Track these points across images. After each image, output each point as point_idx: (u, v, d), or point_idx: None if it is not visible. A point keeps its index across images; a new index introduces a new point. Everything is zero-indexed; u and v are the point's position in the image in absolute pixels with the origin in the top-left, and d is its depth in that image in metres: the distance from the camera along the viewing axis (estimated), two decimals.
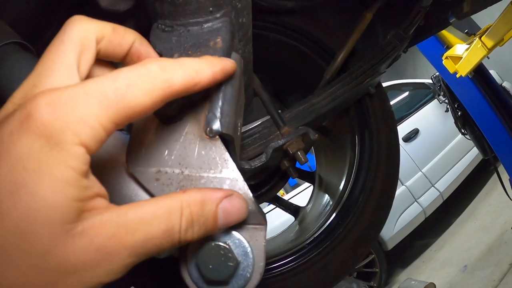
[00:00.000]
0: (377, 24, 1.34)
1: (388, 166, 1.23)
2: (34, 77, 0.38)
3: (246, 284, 0.41)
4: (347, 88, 1.06)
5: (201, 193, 0.39)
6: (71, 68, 0.38)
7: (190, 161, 0.43)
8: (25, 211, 0.31)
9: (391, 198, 1.23)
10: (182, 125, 0.44)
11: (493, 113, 4.11)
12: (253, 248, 0.41)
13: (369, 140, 1.24)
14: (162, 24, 0.47)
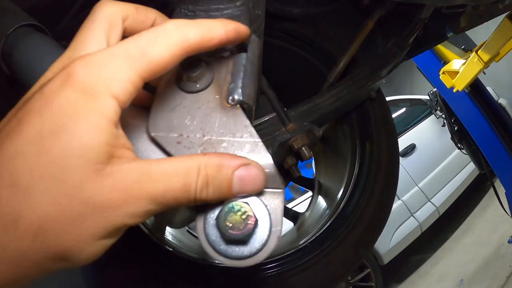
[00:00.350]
0: (377, 32, 1.39)
1: (388, 169, 1.26)
2: (70, 51, 0.44)
3: (264, 246, 0.43)
4: (349, 90, 1.11)
5: (219, 157, 0.42)
6: (102, 43, 0.43)
7: (212, 126, 0.46)
8: (65, 147, 0.35)
9: (391, 199, 1.26)
10: (205, 94, 0.48)
11: (489, 128, 4.17)
12: (271, 211, 0.43)
13: (370, 144, 1.28)
14: (185, 9, 0.51)
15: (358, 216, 1.20)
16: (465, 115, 4.33)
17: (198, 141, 0.46)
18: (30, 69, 0.75)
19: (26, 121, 0.36)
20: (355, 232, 1.23)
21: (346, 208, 1.27)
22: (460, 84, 3.54)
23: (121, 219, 0.38)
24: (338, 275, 1.21)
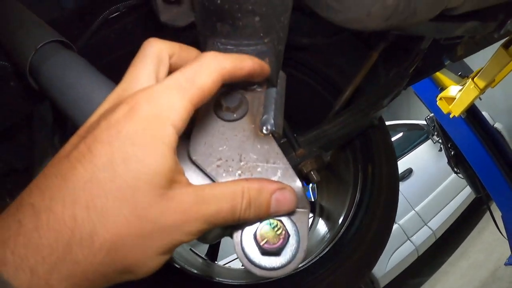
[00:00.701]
0: (379, 63, 1.45)
1: (389, 192, 1.31)
2: (124, 84, 0.50)
3: (294, 258, 0.49)
4: (354, 118, 1.17)
5: (259, 182, 0.49)
6: (152, 78, 0.49)
7: (248, 153, 0.52)
8: (135, 174, 0.41)
9: (392, 222, 1.31)
10: (241, 124, 0.54)
11: (485, 152, 4.24)
12: (299, 227, 0.50)
13: (372, 169, 1.33)
14: (218, 42, 0.57)
15: (360, 238, 1.24)
16: (461, 140, 4.41)
17: (236, 166, 0.52)
18: (60, 86, 0.75)
19: (97, 150, 0.41)
20: (357, 254, 1.27)
21: (348, 230, 1.31)
22: (456, 110, 3.62)
23: (180, 237, 0.43)
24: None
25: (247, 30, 0.55)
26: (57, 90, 0.73)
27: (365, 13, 0.71)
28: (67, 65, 0.74)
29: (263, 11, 0.53)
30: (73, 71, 0.72)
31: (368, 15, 0.72)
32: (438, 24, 1.12)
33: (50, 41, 0.80)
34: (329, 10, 0.71)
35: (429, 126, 5.28)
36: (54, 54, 0.77)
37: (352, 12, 0.71)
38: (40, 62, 0.77)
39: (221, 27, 0.56)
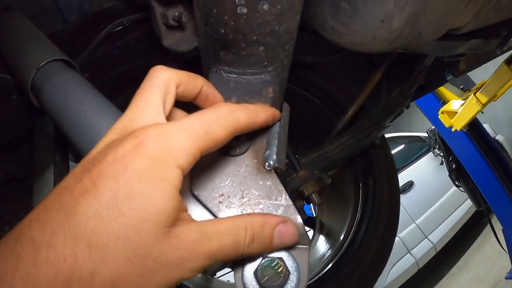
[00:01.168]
0: (383, 82, 1.45)
1: (390, 209, 1.31)
2: (130, 113, 0.49)
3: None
4: (356, 139, 1.16)
5: (262, 217, 0.49)
6: (158, 108, 0.49)
7: (250, 189, 0.52)
8: (140, 212, 0.40)
9: (393, 236, 1.30)
10: (243, 159, 0.54)
11: (486, 166, 4.24)
12: (300, 264, 0.49)
13: (373, 187, 1.32)
14: (221, 70, 0.57)
15: (361, 257, 1.23)
16: (463, 153, 4.41)
17: (238, 202, 0.51)
18: (61, 109, 0.74)
19: (101, 185, 0.41)
20: (358, 273, 1.26)
21: (349, 248, 1.30)
22: (458, 124, 3.62)
23: (181, 274, 0.43)
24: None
25: (251, 59, 0.55)
26: (58, 112, 0.72)
27: (370, 37, 0.70)
28: (69, 86, 0.73)
29: (267, 41, 0.53)
30: (75, 94, 0.70)
31: (373, 39, 0.71)
32: (442, 43, 1.12)
33: (53, 59, 0.79)
34: (334, 33, 0.70)
35: (430, 139, 5.29)
36: (56, 74, 0.76)
37: (357, 36, 0.70)
38: (42, 81, 0.76)
39: (224, 56, 0.55)
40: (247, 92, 0.57)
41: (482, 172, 4.35)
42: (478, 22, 1.01)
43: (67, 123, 0.66)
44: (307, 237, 0.51)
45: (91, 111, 0.64)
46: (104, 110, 0.64)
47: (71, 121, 0.65)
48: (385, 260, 1.33)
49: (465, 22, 0.93)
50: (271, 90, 0.56)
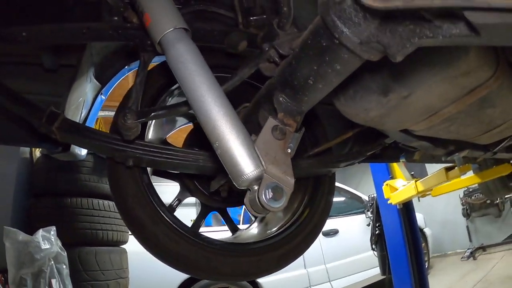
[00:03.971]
0: (352, 138, 1.96)
1: (322, 213, 1.76)
2: None
3: (284, 201, 0.91)
4: (318, 165, 1.66)
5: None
6: None
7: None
8: None
9: (319, 230, 1.76)
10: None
11: (403, 244, 4.89)
12: (285, 187, 0.93)
13: (315, 197, 1.78)
14: None
15: (289, 239, 1.66)
16: (388, 225, 5.06)
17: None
18: (180, 68, 0.99)
19: None
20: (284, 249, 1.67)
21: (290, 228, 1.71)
22: (394, 199, 4.25)
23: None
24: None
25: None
26: (176, 70, 1.02)
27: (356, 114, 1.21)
28: (188, 55, 1.00)
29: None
30: (189, 63, 0.99)
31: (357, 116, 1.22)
32: (400, 134, 1.62)
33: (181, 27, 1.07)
34: (340, 106, 1.21)
35: (368, 203, 5.93)
36: (181, 41, 1.03)
37: (349, 112, 1.21)
38: (169, 42, 1.03)
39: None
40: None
41: (398, 247, 4.99)
42: (429, 132, 1.50)
43: (180, 81, 1.01)
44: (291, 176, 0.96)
45: (196, 83, 1.02)
46: (204, 85, 1.03)
47: (183, 82, 1.00)
48: (306, 248, 1.75)
49: (417, 129, 1.44)
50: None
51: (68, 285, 3.17)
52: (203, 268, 1.37)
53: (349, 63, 0.82)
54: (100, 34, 1.32)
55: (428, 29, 0.62)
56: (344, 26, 0.72)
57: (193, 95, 0.95)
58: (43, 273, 3.10)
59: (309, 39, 0.85)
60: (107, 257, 3.52)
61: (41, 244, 3.09)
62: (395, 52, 0.67)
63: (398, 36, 0.66)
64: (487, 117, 1.39)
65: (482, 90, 1.17)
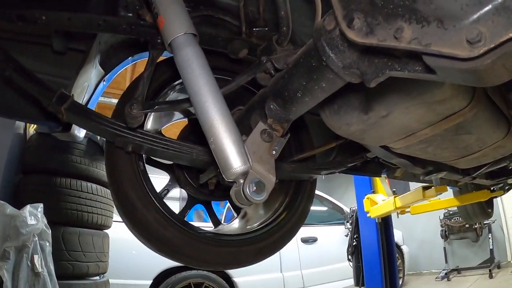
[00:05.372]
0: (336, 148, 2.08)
1: (301, 215, 1.88)
2: None
3: (264, 195, 1.04)
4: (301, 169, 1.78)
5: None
6: None
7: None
8: None
9: (296, 230, 1.87)
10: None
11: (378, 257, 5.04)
12: (267, 184, 1.06)
13: (295, 199, 1.90)
14: None
15: (268, 235, 1.78)
16: (366, 237, 5.20)
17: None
18: (186, 71, 1.11)
19: None
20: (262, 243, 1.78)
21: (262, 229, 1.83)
22: (374, 213, 4.40)
23: None
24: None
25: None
26: (183, 73, 1.14)
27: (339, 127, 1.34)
28: (195, 60, 1.12)
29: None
30: (195, 68, 1.12)
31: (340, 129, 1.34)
32: (380, 149, 1.75)
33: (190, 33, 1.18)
34: (326, 119, 1.33)
35: (348, 214, 6.08)
36: (189, 46, 1.15)
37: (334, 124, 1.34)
38: (178, 46, 1.15)
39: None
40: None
41: (373, 260, 5.14)
42: (407, 151, 1.62)
43: (185, 81, 1.14)
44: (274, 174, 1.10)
45: (199, 85, 1.14)
46: (206, 87, 1.15)
47: (188, 83, 1.13)
48: (290, 238, 1.84)
49: (396, 147, 1.56)
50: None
51: (49, 262, 3.24)
52: (188, 254, 1.48)
53: (333, 82, 0.95)
54: (115, 27, 1.43)
55: (398, 63, 0.75)
56: (331, 52, 0.85)
57: (196, 96, 1.08)
58: (27, 248, 3.16)
59: (301, 58, 0.99)
60: (90, 240, 3.59)
61: (28, 220, 3.14)
62: (370, 79, 0.80)
63: (374, 66, 0.79)
64: (463, 143, 1.51)
65: (457, 118, 1.29)
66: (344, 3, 0.77)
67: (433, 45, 0.64)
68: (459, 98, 1.21)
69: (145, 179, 1.49)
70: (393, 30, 0.68)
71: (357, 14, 0.73)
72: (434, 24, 0.64)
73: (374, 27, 0.71)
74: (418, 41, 0.65)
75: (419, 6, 0.65)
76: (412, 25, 0.66)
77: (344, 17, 0.75)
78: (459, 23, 0.62)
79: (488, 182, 3.17)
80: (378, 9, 0.71)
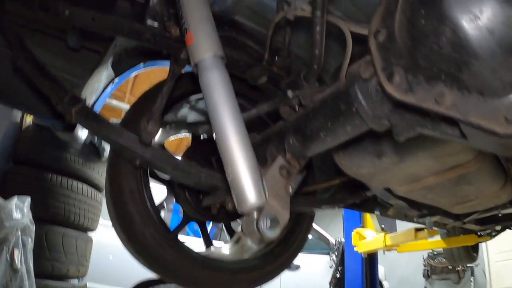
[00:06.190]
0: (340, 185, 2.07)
1: (296, 247, 1.87)
2: None
3: (278, 232, 1.02)
4: (303, 204, 1.77)
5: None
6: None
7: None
8: None
9: (291, 262, 1.87)
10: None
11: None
12: (281, 220, 1.04)
13: (293, 232, 1.89)
14: None
15: (263, 265, 1.75)
16: (351, 271, 5.17)
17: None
18: (208, 94, 1.09)
19: None
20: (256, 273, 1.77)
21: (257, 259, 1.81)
22: (361, 248, 4.38)
23: None
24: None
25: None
26: (205, 94, 1.12)
27: (350, 168, 1.33)
28: (218, 84, 1.09)
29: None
30: (217, 93, 1.09)
31: (350, 169, 1.34)
32: (383, 190, 1.75)
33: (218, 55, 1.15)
34: (339, 162, 1.33)
35: (335, 246, 6.05)
36: (214, 69, 1.12)
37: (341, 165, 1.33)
38: (203, 68, 1.12)
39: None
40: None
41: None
42: (407, 195, 1.62)
43: (208, 105, 1.10)
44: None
45: (223, 112, 1.08)
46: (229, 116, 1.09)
47: (211, 107, 1.09)
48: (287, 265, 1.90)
49: (399, 190, 1.57)
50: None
51: (29, 259, 3.16)
52: (180, 275, 1.46)
53: (358, 127, 0.94)
54: (139, 35, 1.39)
55: (430, 123, 0.75)
56: (363, 99, 0.85)
57: (218, 122, 1.06)
58: (7, 242, 3.08)
59: (329, 99, 0.98)
60: (74, 241, 3.52)
61: (13, 212, 3.07)
62: (400, 133, 0.80)
63: (405, 121, 0.79)
64: (462, 192, 1.55)
65: (462, 169, 1.32)
66: (384, 55, 0.76)
67: (471, 115, 0.65)
68: (466, 152, 1.25)
69: (147, 193, 1.46)
70: (434, 93, 0.68)
71: (398, 69, 0.73)
72: (475, 94, 0.65)
73: (414, 86, 0.71)
74: (458, 109, 0.65)
75: (464, 76, 0.66)
76: (453, 91, 0.67)
77: (383, 69, 0.75)
78: (499, 99, 0.63)
79: (477, 227, 3.21)
80: (420, 69, 0.71)
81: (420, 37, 0.72)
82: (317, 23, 1.05)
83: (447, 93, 0.67)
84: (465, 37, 0.66)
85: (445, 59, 0.68)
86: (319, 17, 1.04)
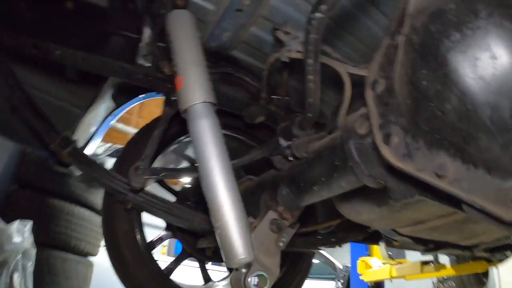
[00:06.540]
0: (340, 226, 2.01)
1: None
2: None
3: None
4: (303, 244, 1.71)
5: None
6: None
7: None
8: None
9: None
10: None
11: None
12: (269, 278, 0.99)
13: (292, 271, 1.83)
14: None
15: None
16: None
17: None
18: (197, 141, 1.03)
19: None
20: None
21: None
22: (366, 277, 4.28)
23: None
24: None
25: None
26: (194, 141, 1.05)
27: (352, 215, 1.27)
28: (207, 132, 1.03)
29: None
30: (207, 142, 1.03)
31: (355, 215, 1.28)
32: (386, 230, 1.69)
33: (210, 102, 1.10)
34: (343, 211, 1.27)
35: (341, 272, 5.92)
36: (204, 117, 1.05)
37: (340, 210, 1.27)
38: (193, 115, 1.06)
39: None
40: None
41: None
42: (412, 234, 1.57)
43: (197, 153, 1.04)
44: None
45: (211, 162, 1.01)
46: (218, 166, 1.01)
47: (200, 156, 1.02)
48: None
49: (401, 231, 1.51)
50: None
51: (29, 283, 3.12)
52: None
53: (354, 183, 0.89)
54: (130, 75, 1.38)
55: (430, 193, 0.68)
56: (359, 158, 0.79)
57: (206, 172, 1.00)
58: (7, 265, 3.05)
59: (324, 152, 0.93)
60: (74, 266, 3.47)
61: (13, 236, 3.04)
62: (398, 198, 0.74)
63: (403, 186, 0.73)
64: (469, 230, 1.48)
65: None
66: (382, 110, 0.70)
67: (475, 194, 0.57)
68: None
69: (140, 234, 1.43)
70: (434, 164, 0.60)
71: (396, 130, 0.66)
72: (481, 170, 0.57)
73: (413, 151, 0.63)
74: (460, 184, 0.57)
75: (470, 149, 0.58)
76: (456, 163, 0.59)
77: (380, 126, 0.68)
78: (508, 180, 0.55)
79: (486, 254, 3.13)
80: (420, 132, 0.63)
81: (421, 98, 0.64)
82: (310, 71, 0.99)
83: (450, 165, 0.59)
84: (474, 108, 0.57)
85: (449, 127, 0.60)
86: (311, 64, 0.97)
